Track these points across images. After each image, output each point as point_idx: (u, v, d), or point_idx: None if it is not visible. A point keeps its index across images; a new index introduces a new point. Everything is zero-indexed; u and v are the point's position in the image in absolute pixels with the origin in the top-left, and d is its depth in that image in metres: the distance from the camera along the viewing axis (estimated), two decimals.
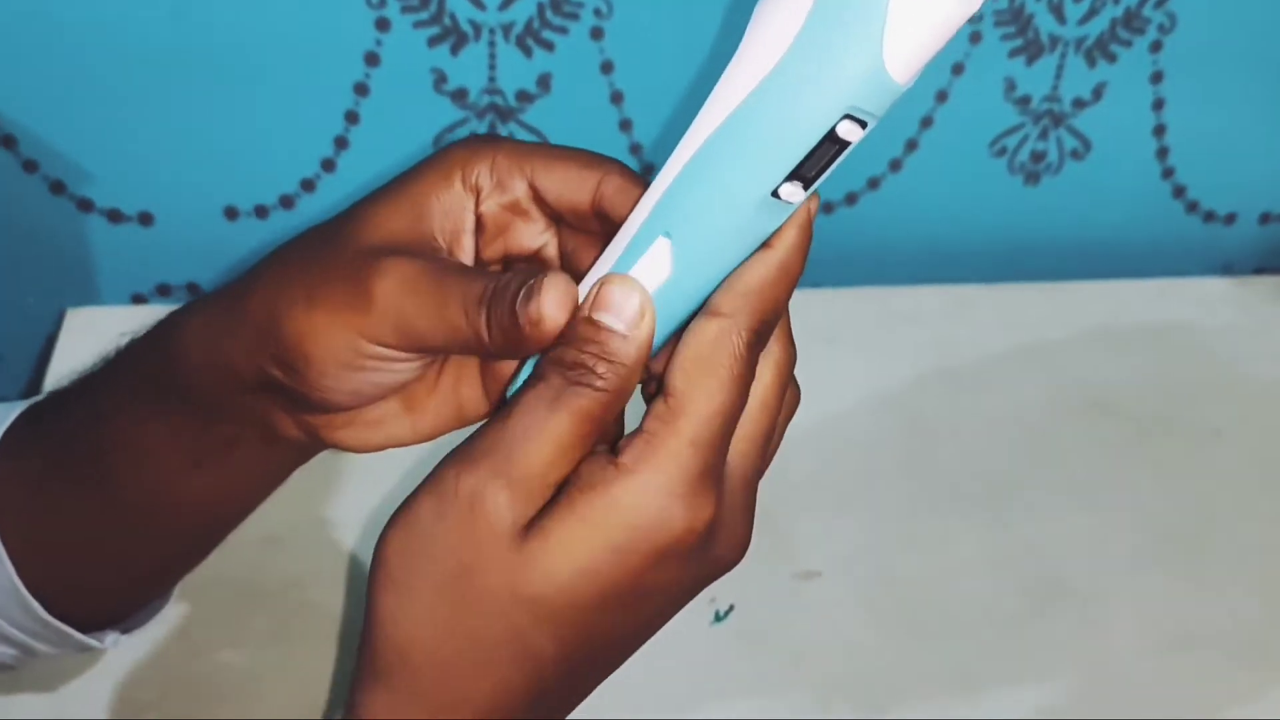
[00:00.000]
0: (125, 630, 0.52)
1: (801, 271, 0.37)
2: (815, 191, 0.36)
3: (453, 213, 0.41)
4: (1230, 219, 0.90)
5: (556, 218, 0.42)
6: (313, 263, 0.40)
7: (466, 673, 0.36)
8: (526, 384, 0.36)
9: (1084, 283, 0.86)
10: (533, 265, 0.42)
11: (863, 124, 0.34)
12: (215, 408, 0.43)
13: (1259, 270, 0.92)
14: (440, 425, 0.44)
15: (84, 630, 0.50)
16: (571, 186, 0.40)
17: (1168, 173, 0.86)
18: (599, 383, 0.36)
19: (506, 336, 0.37)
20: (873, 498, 0.73)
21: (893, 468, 0.74)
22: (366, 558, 0.68)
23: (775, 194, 0.35)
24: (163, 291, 0.86)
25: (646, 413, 0.36)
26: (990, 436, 0.76)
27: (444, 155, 0.41)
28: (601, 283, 0.36)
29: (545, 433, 0.35)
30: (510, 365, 0.42)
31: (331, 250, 0.40)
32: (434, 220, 0.40)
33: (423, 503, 0.36)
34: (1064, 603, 0.68)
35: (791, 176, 0.35)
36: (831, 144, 0.34)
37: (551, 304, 0.36)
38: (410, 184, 0.41)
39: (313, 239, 0.41)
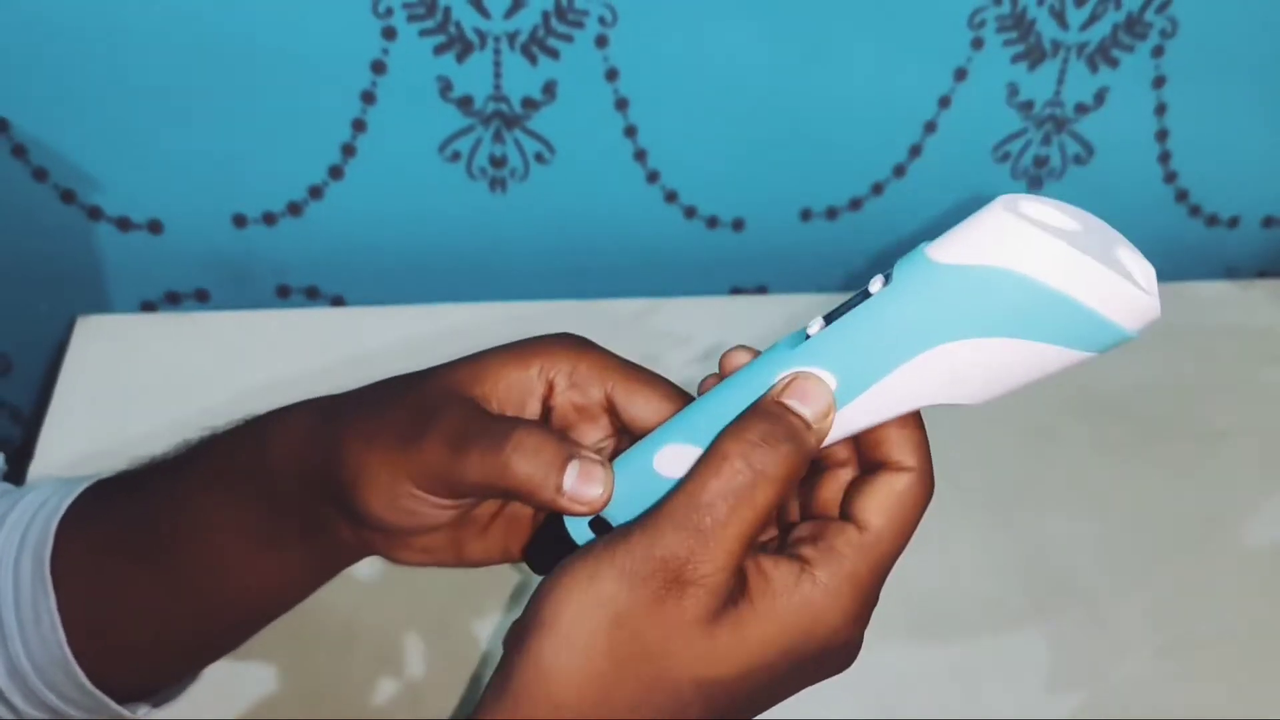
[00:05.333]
0: (155, 704, 0.53)
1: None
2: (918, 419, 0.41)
3: (516, 390, 0.43)
4: (1233, 222, 0.90)
5: (624, 429, 0.44)
6: (379, 404, 0.43)
7: None
8: (708, 464, 0.37)
9: None
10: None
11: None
12: (287, 506, 0.45)
13: (1262, 273, 0.93)
14: (484, 562, 0.47)
15: (118, 701, 0.51)
16: (650, 410, 0.42)
17: (1170, 177, 0.87)
18: (780, 466, 0.37)
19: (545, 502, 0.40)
20: None
21: None
22: (371, 565, 0.68)
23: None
24: (172, 299, 0.86)
25: (834, 533, 0.39)
26: (995, 438, 0.76)
27: (531, 341, 0.43)
28: (794, 375, 0.38)
29: (737, 514, 0.37)
30: None
31: (397, 397, 0.43)
32: (497, 388, 0.43)
33: (606, 568, 0.37)
34: (1068, 603, 0.69)
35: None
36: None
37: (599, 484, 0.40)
38: (488, 355, 0.43)
39: (393, 383, 0.44)
